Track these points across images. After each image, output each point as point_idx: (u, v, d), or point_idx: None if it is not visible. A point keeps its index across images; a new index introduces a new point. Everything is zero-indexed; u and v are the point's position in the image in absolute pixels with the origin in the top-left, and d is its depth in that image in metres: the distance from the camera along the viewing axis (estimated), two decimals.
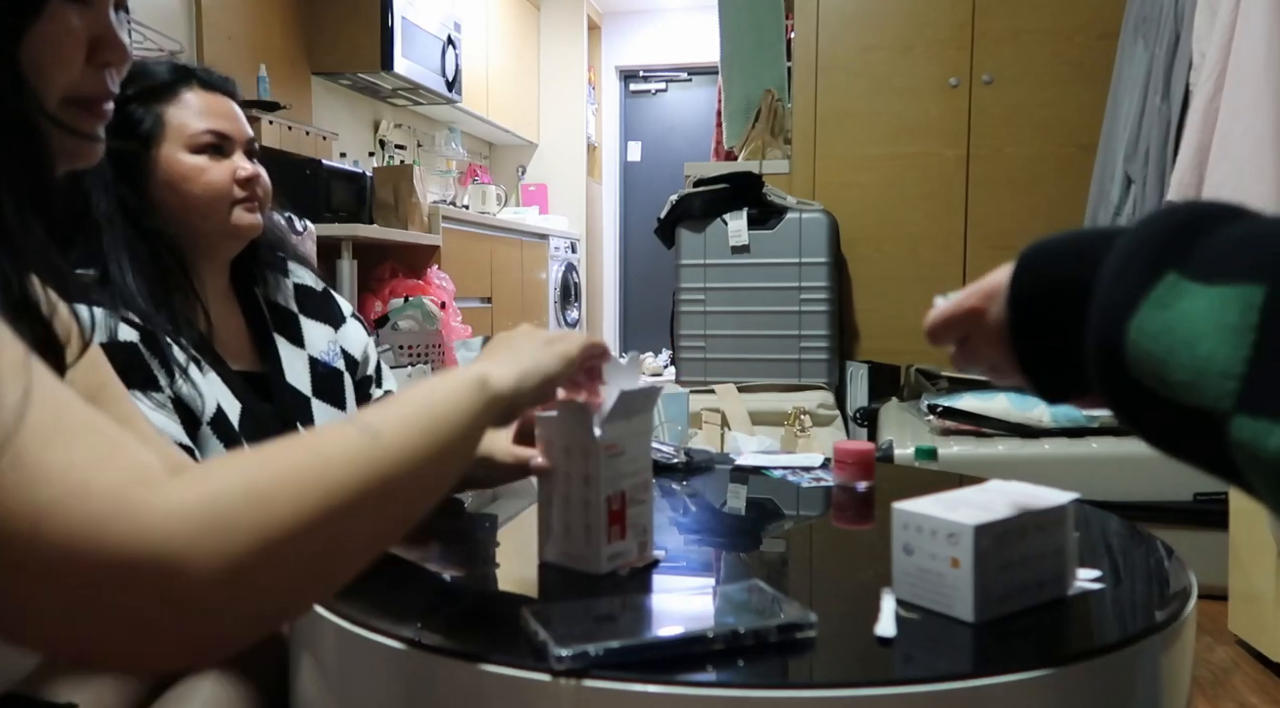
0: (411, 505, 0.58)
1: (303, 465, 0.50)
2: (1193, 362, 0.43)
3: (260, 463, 0.50)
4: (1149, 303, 0.46)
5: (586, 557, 0.80)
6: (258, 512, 0.46)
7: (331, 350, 1.34)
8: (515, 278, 5.16)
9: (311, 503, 0.49)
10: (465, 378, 0.65)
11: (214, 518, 0.44)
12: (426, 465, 0.58)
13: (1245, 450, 0.41)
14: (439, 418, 0.60)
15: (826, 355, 3.12)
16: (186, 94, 1.22)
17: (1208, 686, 1.93)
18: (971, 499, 0.74)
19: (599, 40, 7.02)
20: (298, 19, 3.94)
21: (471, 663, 0.62)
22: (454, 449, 0.61)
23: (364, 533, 0.53)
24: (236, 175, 1.23)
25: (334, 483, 0.51)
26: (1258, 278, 0.41)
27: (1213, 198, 2.02)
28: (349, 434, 0.54)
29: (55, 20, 0.57)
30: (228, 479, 0.47)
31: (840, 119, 3.37)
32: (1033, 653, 0.64)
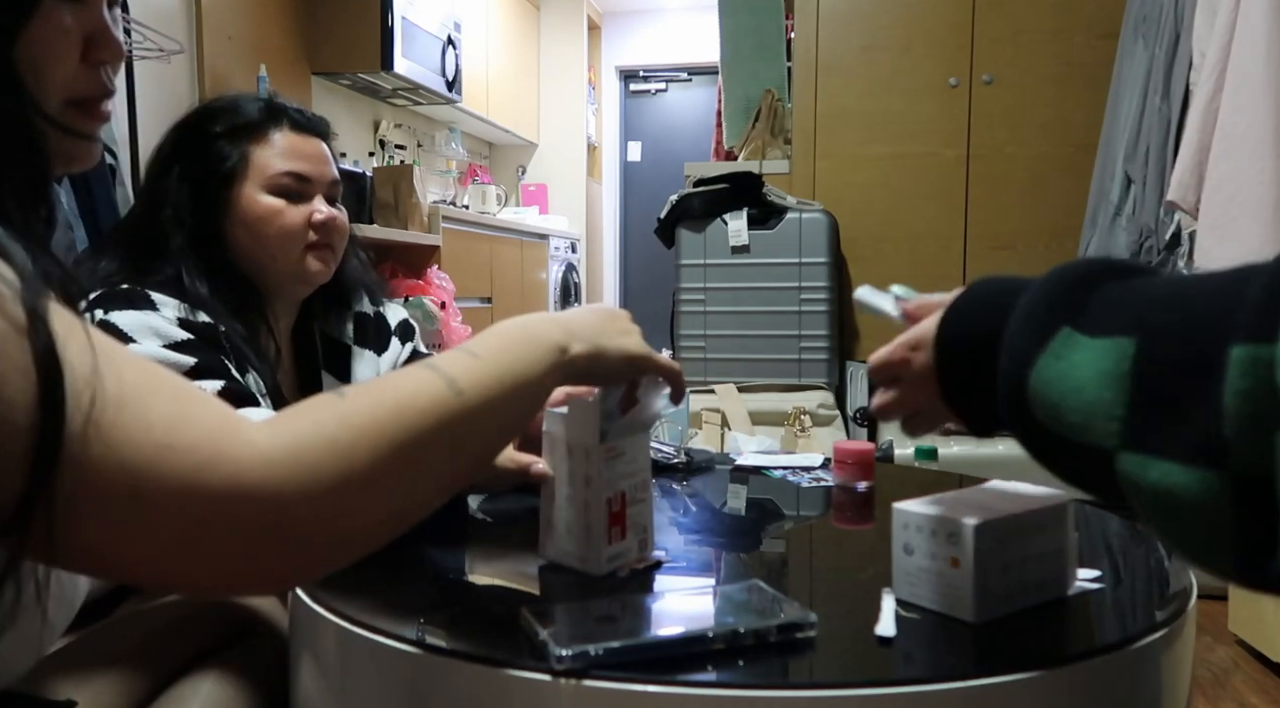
0: (481, 454, 0.62)
1: (384, 417, 0.54)
2: (1082, 405, 0.49)
3: (343, 415, 0.53)
4: (1046, 354, 0.52)
5: (587, 557, 0.81)
6: (339, 461, 0.50)
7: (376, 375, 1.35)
8: (515, 278, 5.16)
9: (388, 453, 0.53)
10: (547, 344, 0.67)
11: (299, 466, 0.49)
12: (500, 422, 0.62)
13: (1129, 481, 0.47)
14: (519, 380, 0.63)
15: (826, 355, 3.11)
16: (275, 134, 1.22)
17: (1208, 686, 1.93)
18: (971, 499, 0.74)
19: (599, 40, 7.02)
20: (298, 19, 3.94)
21: (471, 663, 0.63)
22: (525, 410, 0.66)
23: (436, 476, 0.57)
24: (312, 219, 1.22)
25: (411, 434, 0.55)
26: (1130, 331, 0.47)
27: (1212, 198, 2.02)
28: (435, 387, 0.57)
29: (49, 20, 0.56)
30: (313, 430, 0.51)
31: (840, 119, 3.37)
32: (1033, 653, 0.64)
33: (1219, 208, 2.01)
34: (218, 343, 1.09)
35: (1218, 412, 0.41)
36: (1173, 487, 0.44)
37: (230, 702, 0.84)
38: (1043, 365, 0.52)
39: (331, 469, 0.50)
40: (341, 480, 0.50)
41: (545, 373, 0.66)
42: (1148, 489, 0.45)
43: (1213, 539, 0.43)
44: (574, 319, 0.72)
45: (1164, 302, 0.48)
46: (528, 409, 0.66)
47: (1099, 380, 0.48)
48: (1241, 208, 1.94)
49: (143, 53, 2.69)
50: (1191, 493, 0.43)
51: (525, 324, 0.68)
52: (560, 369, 0.68)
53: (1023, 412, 0.55)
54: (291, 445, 0.49)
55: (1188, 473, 0.43)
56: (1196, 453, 0.43)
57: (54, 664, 0.78)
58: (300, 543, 0.49)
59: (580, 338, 0.70)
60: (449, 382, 0.58)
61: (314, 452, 0.50)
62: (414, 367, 0.60)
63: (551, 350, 0.67)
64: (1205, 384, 0.42)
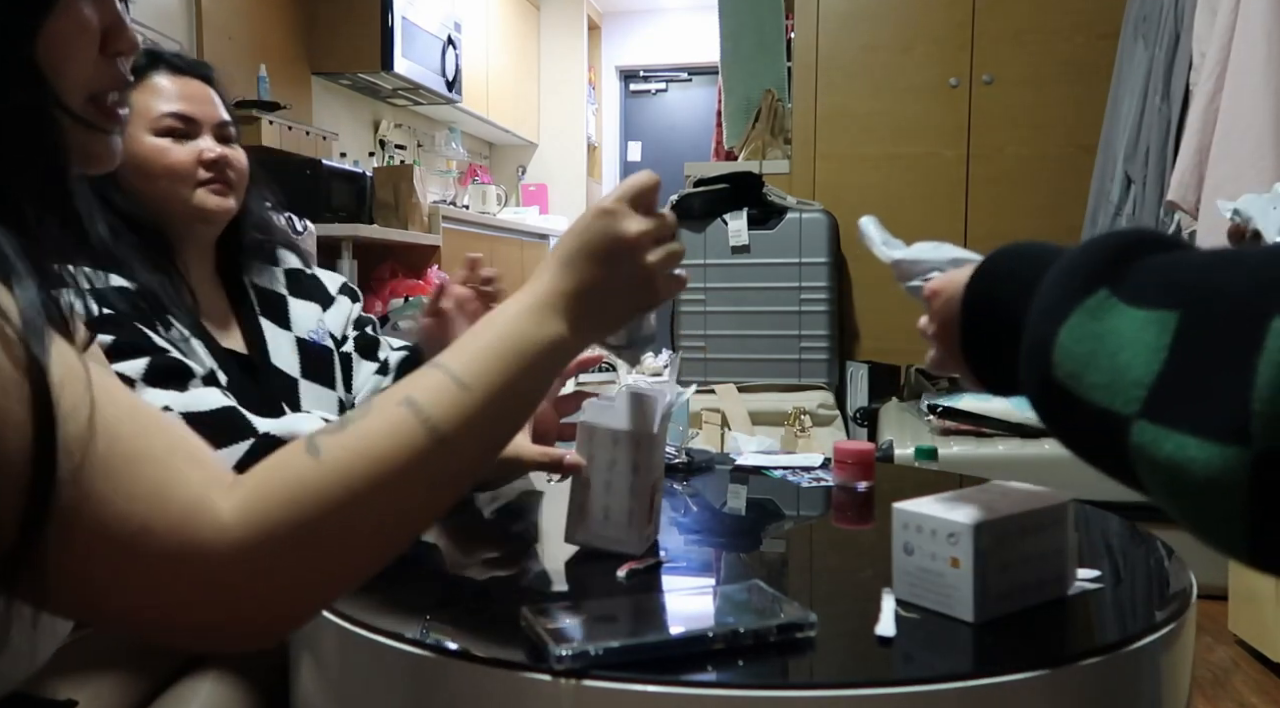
0: (464, 488, 0.59)
1: (361, 483, 0.52)
2: (1111, 367, 0.48)
3: (318, 489, 0.51)
4: (1080, 311, 0.52)
5: (625, 540, 0.86)
6: (311, 544, 0.51)
7: (320, 330, 1.34)
8: (515, 278, 5.15)
9: (363, 524, 0.53)
10: (546, 344, 0.63)
11: (270, 553, 0.50)
12: (487, 450, 0.60)
13: (1143, 453, 0.46)
14: (511, 402, 0.60)
15: (826, 355, 3.11)
16: (155, 78, 1.22)
17: (1208, 686, 1.93)
18: (971, 499, 0.74)
19: (599, 40, 7.02)
20: (298, 19, 3.94)
21: (471, 663, 0.63)
22: (518, 425, 0.63)
23: (415, 523, 0.57)
24: (202, 157, 1.21)
25: (390, 496, 0.54)
26: (1174, 304, 0.47)
27: (1212, 198, 2.02)
28: (415, 437, 0.55)
29: (70, 13, 0.56)
30: (284, 512, 0.50)
31: (840, 119, 3.37)
32: (1033, 653, 0.64)
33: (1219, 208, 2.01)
34: (134, 306, 1.09)
35: (1250, 384, 0.41)
36: (1187, 462, 0.43)
37: (230, 702, 0.84)
38: (1075, 323, 0.51)
39: (303, 554, 0.51)
40: (313, 561, 0.51)
41: (544, 378, 0.63)
42: (1162, 462, 0.45)
43: (1225, 518, 0.43)
44: (579, 296, 0.65)
45: (1207, 275, 0.47)
46: (521, 422, 0.63)
47: (1134, 349, 0.47)
48: None
49: None
50: (1207, 469, 0.42)
51: (521, 326, 0.63)
52: (560, 364, 0.65)
53: (1044, 368, 0.53)
54: (262, 530, 0.50)
55: (1205, 448, 0.42)
56: (1218, 427, 0.42)
57: (54, 665, 0.78)
58: (274, 609, 0.51)
59: (588, 315, 0.65)
60: (430, 429, 0.55)
61: (285, 536, 0.50)
62: (393, 405, 0.56)
63: (552, 351, 0.63)
64: (1242, 358, 0.41)
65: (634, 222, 0.67)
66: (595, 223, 0.67)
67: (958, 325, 0.68)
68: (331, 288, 1.40)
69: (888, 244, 0.90)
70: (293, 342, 1.30)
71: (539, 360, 0.62)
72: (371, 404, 0.57)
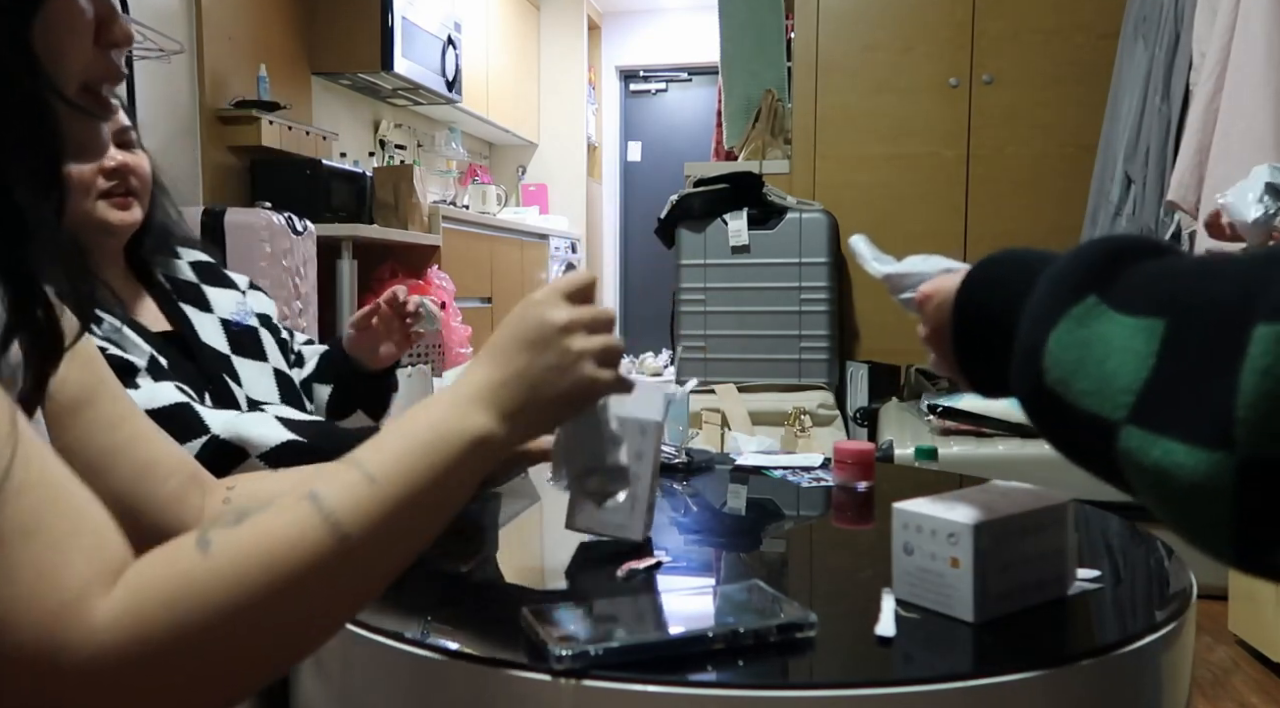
0: (373, 591, 0.55)
1: (250, 586, 0.48)
2: (1100, 373, 0.49)
3: (202, 592, 0.47)
4: (1069, 318, 0.52)
5: (627, 526, 0.88)
6: (186, 655, 0.46)
7: (241, 311, 1.36)
8: (515, 278, 5.15)
9: (247, 633, 0.48)
10: (466, 439, 0.59)
11: (139, 665, 0.45)
12: (400, 553, 0.56)
13: (1130, 458, 0.47)
14: (425, 500, 0.56)
15: (826, 355, 3.11)
16: None
17: (1208, 686, 1.93)
18: (971, 499, 0.74)
19: (599, 40, 7.02)
20: (298, 19, 3.94)
21: (471, 663, 0.63)
22: (436, 524, 0.58)
23: (311, 630, 0.52)
24: (103, 165, 1.19)
25: (281, 602, 0.49)
26: (1161, 312, 0.47)
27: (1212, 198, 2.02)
28: (316, 537, 0.51)
29: (65, 3, 0.56)
30: (161, 616, 0.46)
31: (840, 119, 3.37)
32: (1033, 653, 0.64)
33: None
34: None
35: (1234, 390, 0.42)
36: (1174, 467, 0.44)
37: None
38: (1064, 329, 0.52)
39: (180, 662, 0.46)
40: (192, 670, 0.47)
41: (468, 475, 0.59)
42: (1149, 467, 0.45)
43: (1211, 522, 0.43)
44: (507, 384, 0.62)
45: (1194, 282, 0.48)
46: (441, 523, 0.58)
47: (1122, 356, 0.48)
48: None
49: (143, 53, 2.69)
50: (1194, 474, 0.43)
51: (443, 418, 0.59)
52: (486, 461, 0.60)
53: (1034, 373, 0.54)
54: (135, 636, 0.45)
55: (1192, 453, 0.43)
56: (1204, 432, 0.43)
57: None
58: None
59: (517, 407, 0.62)
60: (333, 527, 0.51)
61: (161, 642, 0.46)
62: (296, 499, 0.52)
63: (475, 446, 0.59)
64: (1227, 364, 0.42)
65: (563, 310, 0.66)
66: (525, 312, 0.67)
67: (949, 329, 0.69)
68: (242, 283, 1.44)
69: (879, 260, 0.92)
70: (217, 322, 1.32)
71: (461, 456, 0.58)
72: (274, 498, 0.53)
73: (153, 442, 0.78)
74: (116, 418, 0.75)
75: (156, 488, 0.77)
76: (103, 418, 0.73)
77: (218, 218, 2.76)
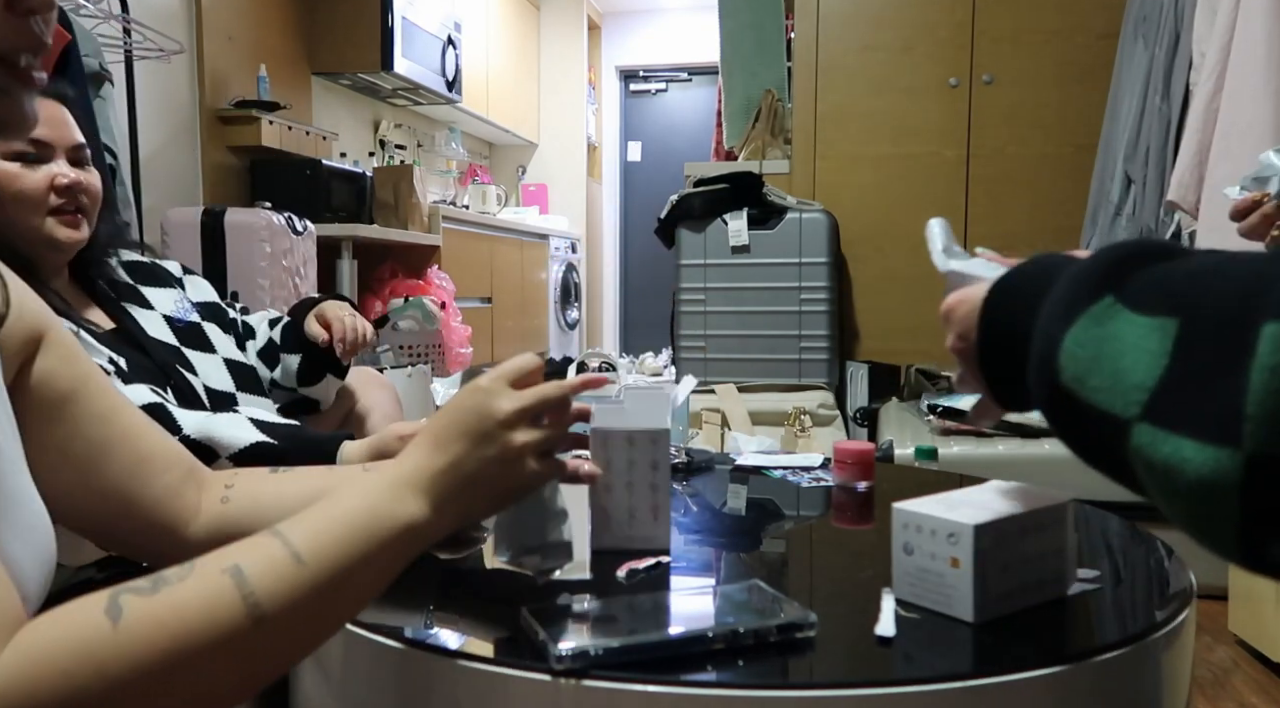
0: (283, 669, 0.54)
1: (155, 664, 0.46)
2: (1114, 371, 0.49)
3: (101, 666, 0.45)
4: (1086, 317, 0.53)
5: (653, 537, 0.87)
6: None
7: (181, 308, 1.38)
8: (515, 278, 5.16)
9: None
10: (398, 526, 0.58)
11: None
12: (313, 634, 0.55)
13: (1140, 454, 0.47)
14: (349, 582, 0.55)
15: (826, 355, 3.11)
16: None
17: (1208, 686, 1.93)
18: (971, 499, 0.74)
19: (599, 40, 7.02)
20: (298, 19, 3.94)
21: (472, 663, 0.62)
22: (357, 605, 0.57)
23: (216, 705, 0.50)
24: (55, 182, 1.19)
25: (184, 679, 0.47)
26: (1173, 311, 0.48)
27: (1212, 198, 2.02)
28: (231, 615, 0.49)
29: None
30: (51, 684, 0.43)
31: (840, 119, 3.37)
32: (1033, 653, 0.64)
33: (1219, 208, 2.01)
34: None
35: (1243, 388, 0.42)
36: (1183, 463, 0.44)
37: None
38: (1081, 328, 0.53)
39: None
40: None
41: (395, 560, 0.59)
42: (1159, 464, 0.46)
43: (1218, 519, 0.43)
44: (445, 473, 0.62)
45: (1205, 281, 0.48)
46: (361, 606, 0.58)
47: (1136, 354, 0.48)
48: None
49: (143, 53, 2.69)
50: (1201, 470, 0.43)
51: (377, 502, 0.59)
52: (414, 548, 0.60)
53: (1051, 374, 0.55)
54: (22, 704, 0.43)
55: (1201, 450, 0.43)
56: (1213, 430, 0.43)
57: None
58: None
59: (451, 495, 0.62)
60: (251, 606, 0.50)
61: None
62: (217, 571, 0.51)
63: (405, 532, 0.59)
64: (1236, 362, 0.43)
65: (507, 400, 0.66)
66: (468, 400, 0.66)
67: (975, 341, 0.69)
68: (175, 271, 1.45)
69: (948, 251, 0.89)
70: (160, 319, 1.34)
71: (390, 541, 0.58)
72: (194, 566, 0.51)
73: (148, 436, 0.77)
74: (107, 411, 0.74)
75: (152, 483, 0.76)
76: (92, 411, 0.73)
77: (218, 218, 2.76)
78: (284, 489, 0.84)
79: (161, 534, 0.77)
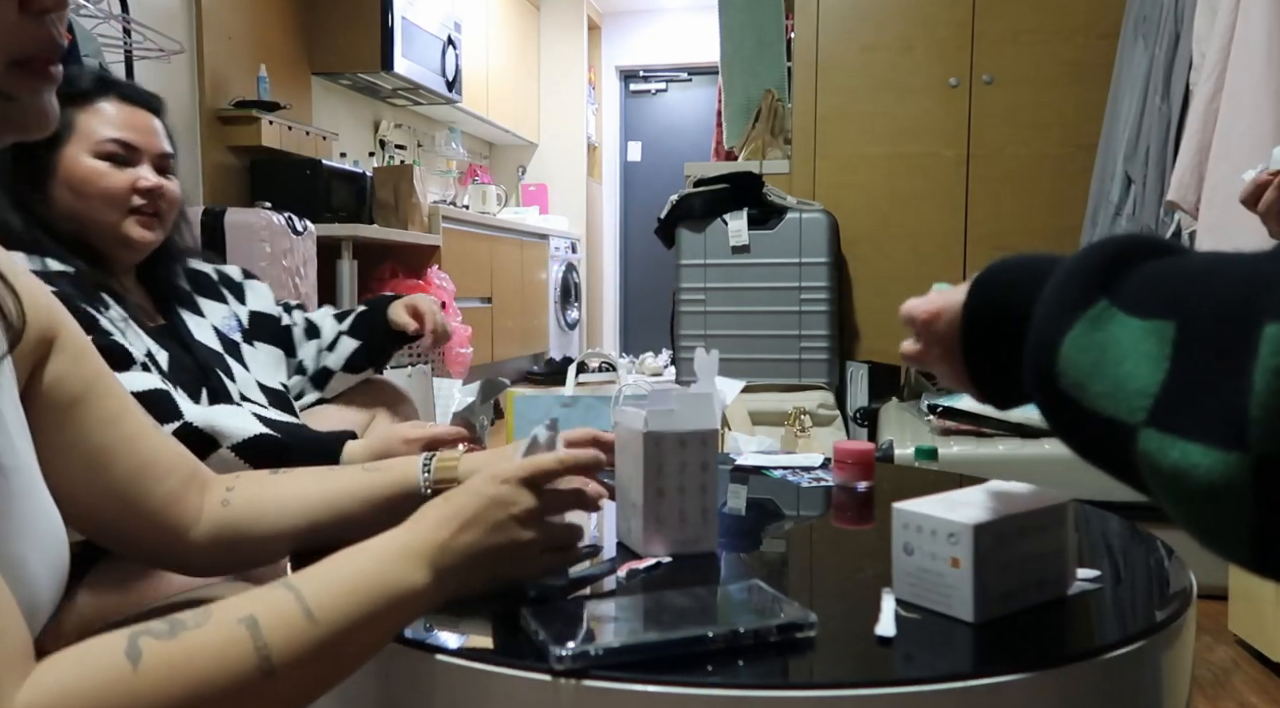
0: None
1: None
2: (1115, 377, 0.49)
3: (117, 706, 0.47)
4: (1082, 323, 0.52)
5: (702, 538, 0.87)
6: None
7: (229, 324, 1.43)
8: (515, 278, 5.16)
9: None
10: (404, 592, 0.61)
11: None
12: (319, 686, 0.57)
13: (1148, 460, 0.47)
14: (354, 642, 0.58)
15: (826, 355, 3.11)
16: (103, 103, 1.28)
17: (1208, 686, 1.93)
18: (971, 499, 0.74)
19: (599, 40, 7.02)
20: (298, 19, 3.94)
21: (472, 663, 0.62)
22: (349, 673, 0.59)
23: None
24: (138, 184, 1.27)
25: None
26: (1170, 314, 0.48)
27: (1212, 198, 2.02)
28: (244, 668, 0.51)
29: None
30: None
31: (840, 119, 3.37)
32: (1033, 653, 0.64)
33: (1219, 208, 2.01)
34: (77, 286, 1.15)
35: (1247, 390, 0.42)
36: (1191, 468, 0.44)
37: None
38: (1078, 334, 0.52)
39: None
40: None
41: (396, 624, 0.62)
42: (1167, 469, 0.45)
43: (1229, 523, 0.43)
44: (453, 552, 0.65)
45: (1200, 282, 0.48)
46: (360, 663, 0.60)
47: (1136, 359, 0.48)
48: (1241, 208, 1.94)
49: (143, 53, 2.69)
50: (1210, 475, 0.43)
51: (390, 569, 0.61)
52: (412, 616, 0.63)
53: (1049, 379, 0.54)
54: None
55: (1209, 454, 0.43)
56: (1220, 433, 0.43)
57: None
58: None
59: (455, 571, 0.65)
60: (263, 659, 0.52)
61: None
62: (233, 622, 0.53)
63: (411, 599, 0.62)
64: (1238, 365, 0.42)
65: (526, 497, 0.69)
66: (491, 490, 0.69)
67: (959, 342, 0.69)
68: (236, 275, 1.51)
69: None
70: (209, 327, 1.39)
71: (397, 606, 0.61)
72: (211, 614, 0.53)
73: (151, 439, 0.77)
74: (114, 414, 0.74)
75: (155, 486, 0.76)
76: (99, 414, 0.73)
77: (218, 218, 2.76)
78: (284, 492, 0.84)
79: (165, 538, 0.78)
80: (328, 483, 0.86)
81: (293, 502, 0.83)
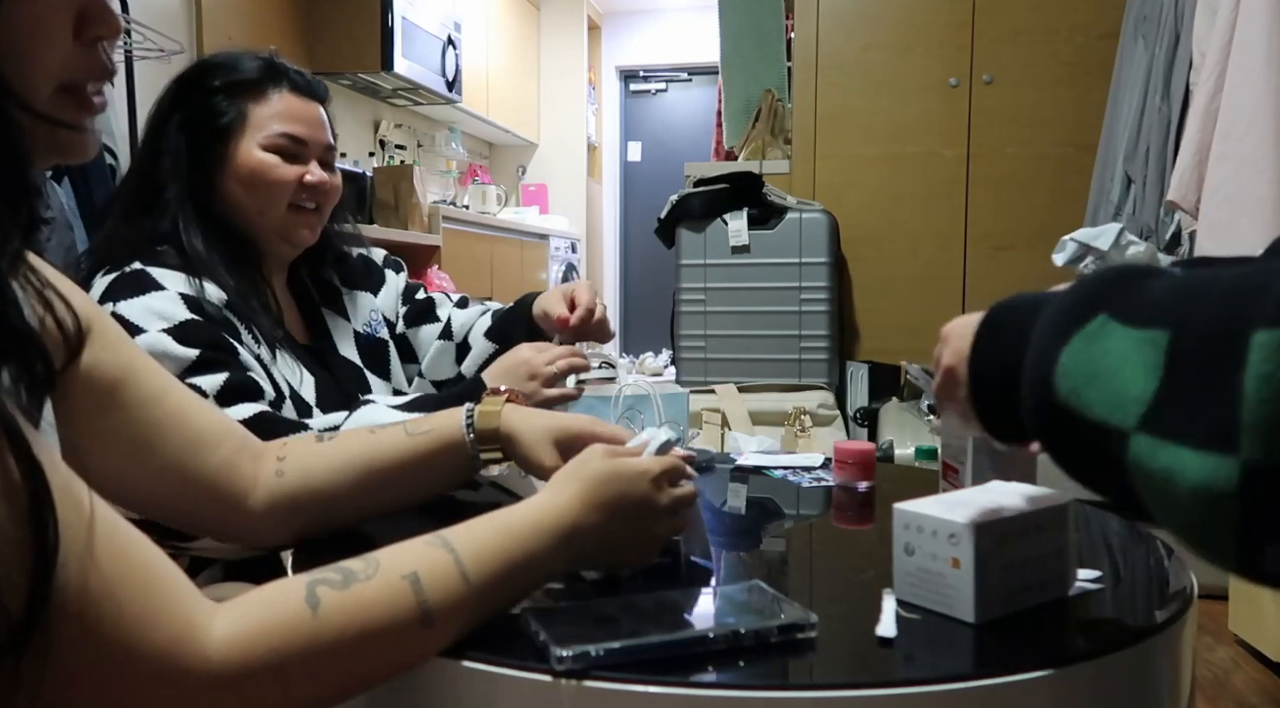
0: (422, 661, 0.62)
1: (346, 653, 0.56)
2: (1111, 384, 0.50)
3: (305, 646, 0.54)
4: (1080, 336, 0.54)
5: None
6: (284, 696, 0.54)
7: (374, 320, 1.40)
8: (515, 278, 5.16)
9: (337, 689, 0.57)
10: (542, 573, 0.68)
11: (244, 694, 0.52)
12: (453, 640, 0.63)
13: (1139, 465, 0.48)
14: (496, 608, 0.65)
15: (826, 355, 3.11)
16: (274, 94, 1.25)
17: (1208, 686, 1.93)
18: (972, 499, 0.74)
19: (599, 40, 7.02)
20: (298, 19, 3.94)
21: (471, 663, 0.62)
22: (484, 622, 0.65)
23: (380, 681, 0.60)
24: (304, 179, 1.25)
25: (369, 669, 0.58)
26: (1164, 323, 0.49)
27: (1212, 198, 2.02)
28: (409, 620, 0.58)
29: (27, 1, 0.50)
30: (268, 659, 0.53)
31: (840, 119, 3.37)
32: (1034, 653, 0.64)
33: (1219, 208, 2.01)
34: (221, 316, 1.13)
35: (1237, 397, 0.42)
36: (1180, 472, 0.44)
37: None
38: (1076, 346, 0.54)
39: (273, 691, 0.53)
40: (279, 699, 0.54)
41: (526, 592, 0.69)
42: (1157, 473, 0.46)
43: (1216, 528, 0.44)
44: (590, 535, 0.71)
45: (1192, 294, 0.49)
46: (485, 619, 0.66)
47: (1132, 367, 0.49)
48: (1241, 208, 1.94)
49: (143, 53, 2.69)
50: (1198, 477, 0.44)
51: (538, 547, 0.67)
52: (545, 582, 0.71)
53: (1045, 392, 0.55)
54: (244, 667, 0.52)
55: (1198, 458, 0.44)
56: (1210, 438, 0.43)
57: None
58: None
59: (585, 554, 0.72)
60: (424, 614, 0.59)
61: (262, 675, 0.53)
62: (398, 577, 0.59)
63: (547, 576, 0.70)
64: (1229, 371, 0.43)
65: (665, 496, 0.75)
66: (636, 486, 0.73)
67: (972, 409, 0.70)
68: (380, 263, 1.47)
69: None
70: (351, 335, 1.36)
71: (535, 579, 0.68)
72: (380, 566, 0.59)
73: (198, 412, 0.79)
74: (157, 392, 0.76)
75: (207, 458, 0.78)
76: (142, 395, 0.74)
77: None
78: (333, 459, 0.86)
79: (223, 507, 0.81)
80: (372, 447, 0.87)
81: (342, 469, 0.86)
